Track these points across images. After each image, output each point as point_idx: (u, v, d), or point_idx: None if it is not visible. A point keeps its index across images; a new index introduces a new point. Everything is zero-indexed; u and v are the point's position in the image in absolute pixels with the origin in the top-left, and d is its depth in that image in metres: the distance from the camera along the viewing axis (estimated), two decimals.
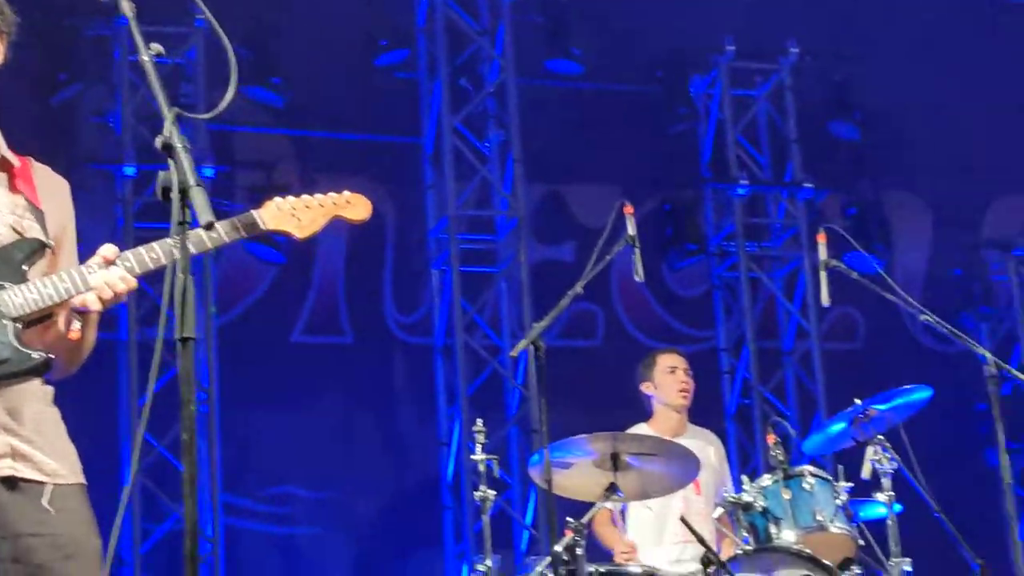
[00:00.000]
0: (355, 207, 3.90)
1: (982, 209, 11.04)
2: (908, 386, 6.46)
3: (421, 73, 9.91)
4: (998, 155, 10.30)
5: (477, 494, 5.99)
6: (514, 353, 5.82)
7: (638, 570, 5.95)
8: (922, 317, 6.37)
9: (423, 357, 9.74)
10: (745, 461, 9.77)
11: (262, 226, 3.69)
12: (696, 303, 10.45)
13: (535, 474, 5.86)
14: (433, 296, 9.73)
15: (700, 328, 10.40)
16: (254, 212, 3.70)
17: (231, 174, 9.51)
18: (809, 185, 10.19)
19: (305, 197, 3.82)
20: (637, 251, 5.98)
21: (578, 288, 5.81)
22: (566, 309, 5.87)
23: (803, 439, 7.00)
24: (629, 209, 6.05)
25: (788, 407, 10.02)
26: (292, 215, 3.76)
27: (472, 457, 6.04)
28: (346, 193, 3.90)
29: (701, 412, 8.01)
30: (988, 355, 6.07)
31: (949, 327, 6.27)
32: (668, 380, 7.05)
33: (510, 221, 9.63)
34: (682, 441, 6.46)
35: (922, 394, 6.46)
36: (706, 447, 6.95)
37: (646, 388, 7.10)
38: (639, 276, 5.98)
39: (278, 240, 9.21)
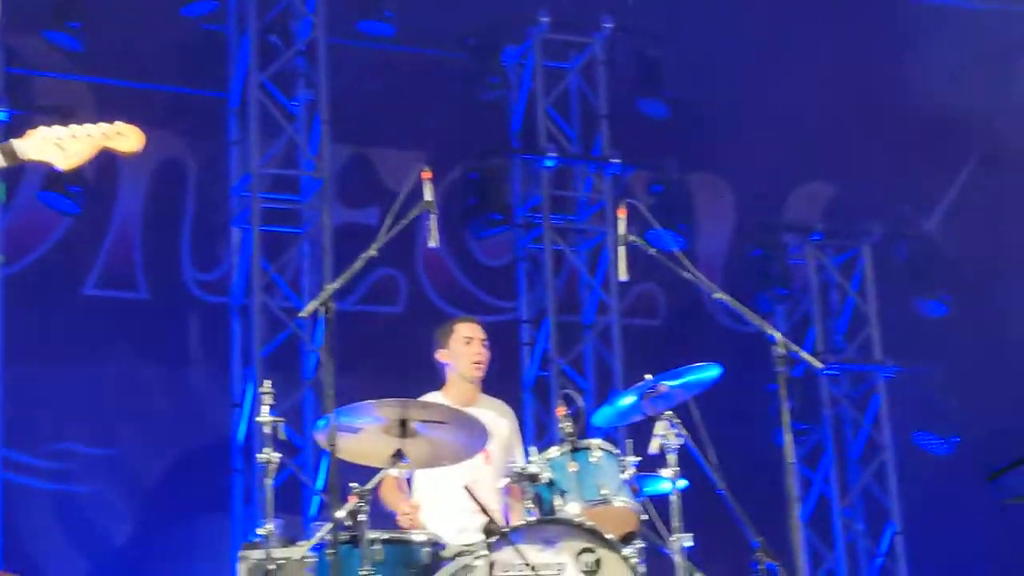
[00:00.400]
0: (125, 138, 3.72)
1: (783, 194, 11.21)
2: (699, 363, 6.50)
3: (230, 26, 9.69)
4: (801, 142, 10.47)
5: (261, 457, 5.87)
6: (304, 314, 5.73)
7: (421, 538, 5.88)
8: (715, 295, 6.44)
9: (220, 316, 9.55)
10: (541, 433, 9.78)
11: (22, 155, 3.50)
12: (500, 273, 10.44)
13: (321, 438, 5.76)
14: (233, 254, 9.54)
15: (503, 299, 10.38)
16: (14, 140, 3.52)
17: (29, 119, 9.15)
18: (616, 160, 10.23)
19: (73, 127, 3.64)
20: (433, 217, 5.93)
21: (372, 251, 5.73)
22: (368, 274, 5.79)
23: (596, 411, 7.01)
24: (427, 174, 5.99)
25: (586, 381, 10.06)
26: (57, 145, 3.57)
27: (258, 419, 5.92)
28: (117, 123, 3.73)
29: (499, 383, 7.99)
30: (777, 335, 6.17)
31: (741, 306, 6.35)
32: (464, 350, 6.99)
33: (315, 182, 9.47)
34: (474, 411, 6.39)
35: (712, 372, 6.51)
36: (498, 418, 6.92)
37: (441, 356, 7.03)
38: (434, 242, 5.92)
39: (72, 189, 8.95)
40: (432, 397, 6.78)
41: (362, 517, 5.55)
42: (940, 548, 10.33)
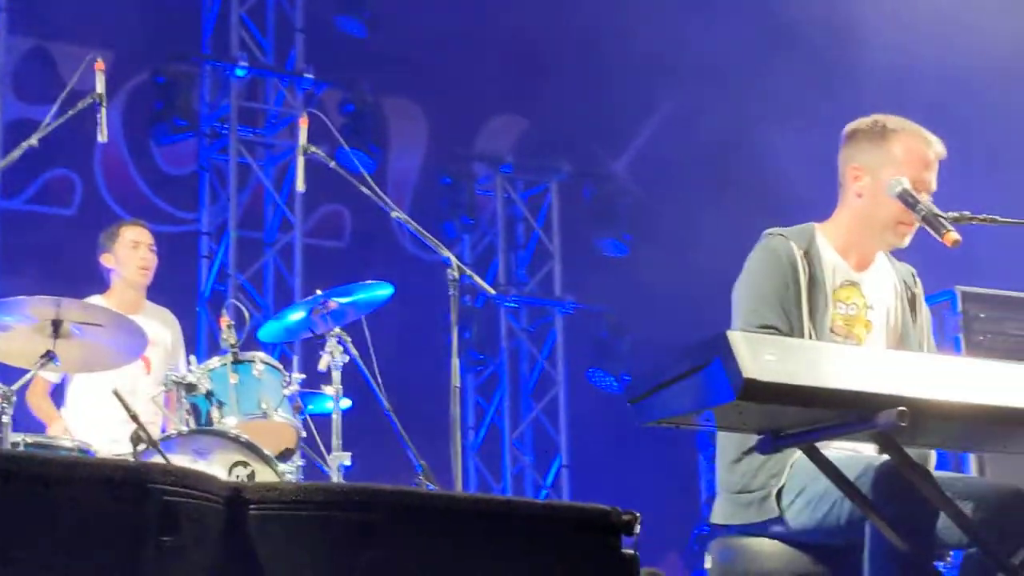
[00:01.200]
0: None
1: (477, 124, 11.21)
2: (370, 281, 6.42)
3: None
4: (497, 74, 10.47)
5: None
6: None
7: (69, 444, 5.64)
8: (394, 214, 6.34)
9: None
10: (214, 347, 9.55)
11: None
12: (182, 182, 10.12)
13: None
14: None
15: (184, 209, 10.08)
16: None
17: None
18: (310, 76, 10.02)
19: None
20: (103, 110, 5.66)
21: (32, 141, 5.45)
22: (41, 173, 5.48)
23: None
24: (100, 65, 5.72)
25: (263, 298, 9.86)
26: None
27: None
28: None
29: (175, 294, 7.76)
30: (453, 258, 6.11)
31: (419, 228, 6.27)
32: (130, 255, 6.75)
33: None
34: (137, 319, 6.16)
35: (384, 291, 6.44)
36: (161, 327, 6.71)
37: (105, 260, 6.78)
38: (102, 137, 5.66)
39: None
40: (94, 300, 6.50)
41: (4, 419, 5.27)
42: (604, 483, 10.56)
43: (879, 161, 4.25)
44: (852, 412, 3.31)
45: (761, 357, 3.17)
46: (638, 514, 2.44)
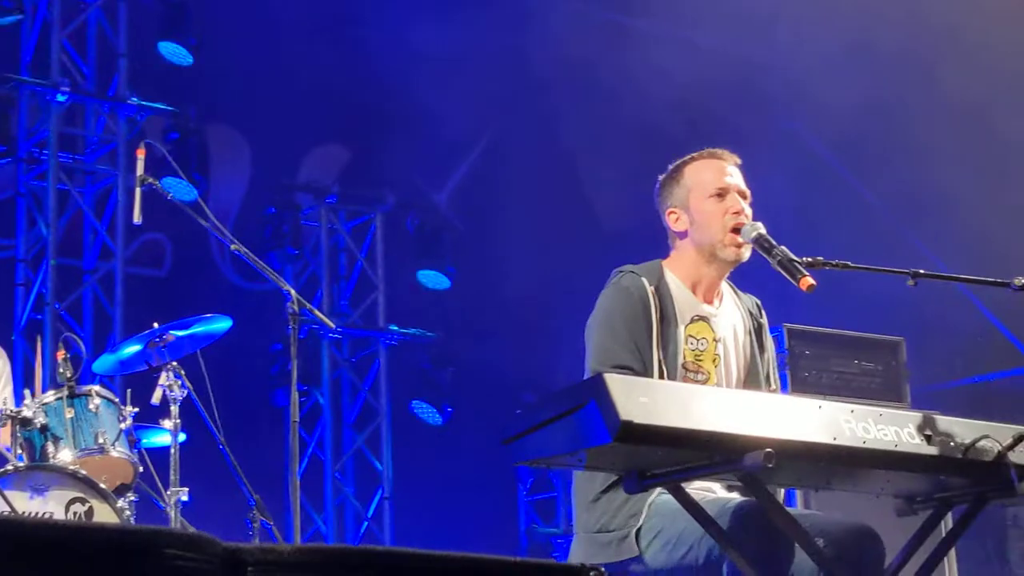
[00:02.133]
0: None
1: (300, 154, 11.16)
2: (209, 315, 6.36)
3: None
4: (320, 103, 10.46)
5: None
6: None
7: None
8: (233, 247, 6.30)
9: None
10: (29, 377, 9.32)
11: None
12: None
13: None
14: None
15: (0, 235, 9.83)
16: None
17: None
18: (133, 102, 9.87)
19: None
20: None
21: None
22: None
23: (95, 359, 6.74)
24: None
25: (83, 328, 9.66)
26: None
27: None
28: None
29: None
30: (293, 292, 6.09)
31: (259, 261, 6.26)
32: None
33: None
34: None
35: (222, 324, 6.40)
36: None
37: None
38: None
39: None
40: None
41: None
42: (425, 514, 10.58)
43: (683, 194, 4.51)
44: (719, 453, 3.41)
45: (636, 399, 3.25)
46: (604, 571, 2.48)
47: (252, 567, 2.07)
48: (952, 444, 3.66)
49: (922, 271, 4.02)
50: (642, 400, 3.24)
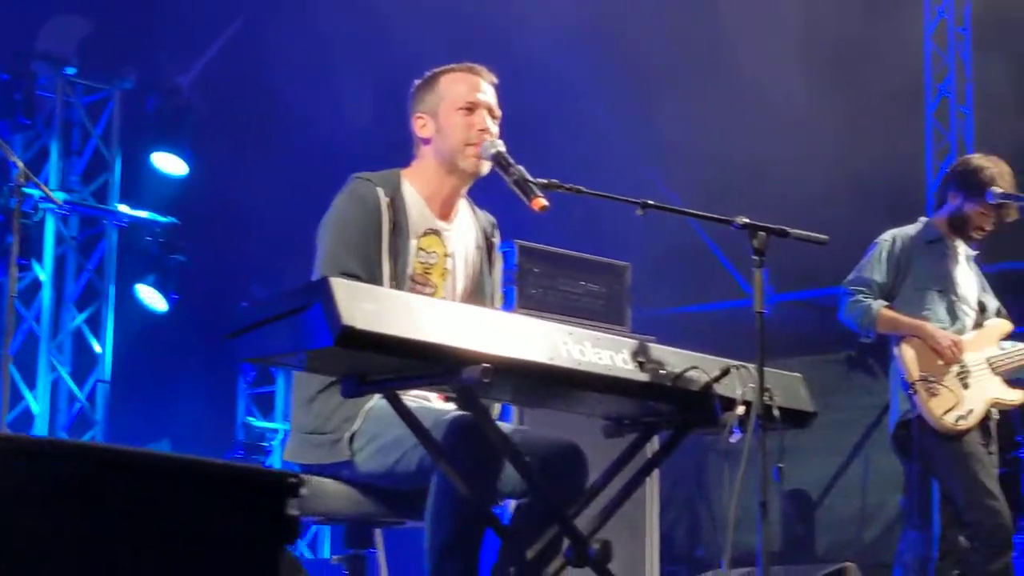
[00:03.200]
0: None
1: (39, 21, 10.71)
2: None
3: None
4: None
5: None
6: None
7: None
8: None
9: None
10: None
11: None
12: None
13: None
14: None
15: None
16: None
17: None
18: None
19: None
20: None
21: None
22: None
23: None
24: None
25: None
26: None
27: None
28: None
29: None
30: (20, 164, 5.92)
31: None
32: None
33: None
34: None
35: None
36: None
37: None
38: None
39: None
40: None
41: None
42: (142, 401, 10.47)
43: (434, 102, 4.51)
44: (439, 365, 3.47)
45: (360, 305, 3.27)
46: (308, 478, 2.49)
47: None
48: (663, 372, 3.79)
49: (651, 202, 4.12)
50: (366, 306, 3.27)
